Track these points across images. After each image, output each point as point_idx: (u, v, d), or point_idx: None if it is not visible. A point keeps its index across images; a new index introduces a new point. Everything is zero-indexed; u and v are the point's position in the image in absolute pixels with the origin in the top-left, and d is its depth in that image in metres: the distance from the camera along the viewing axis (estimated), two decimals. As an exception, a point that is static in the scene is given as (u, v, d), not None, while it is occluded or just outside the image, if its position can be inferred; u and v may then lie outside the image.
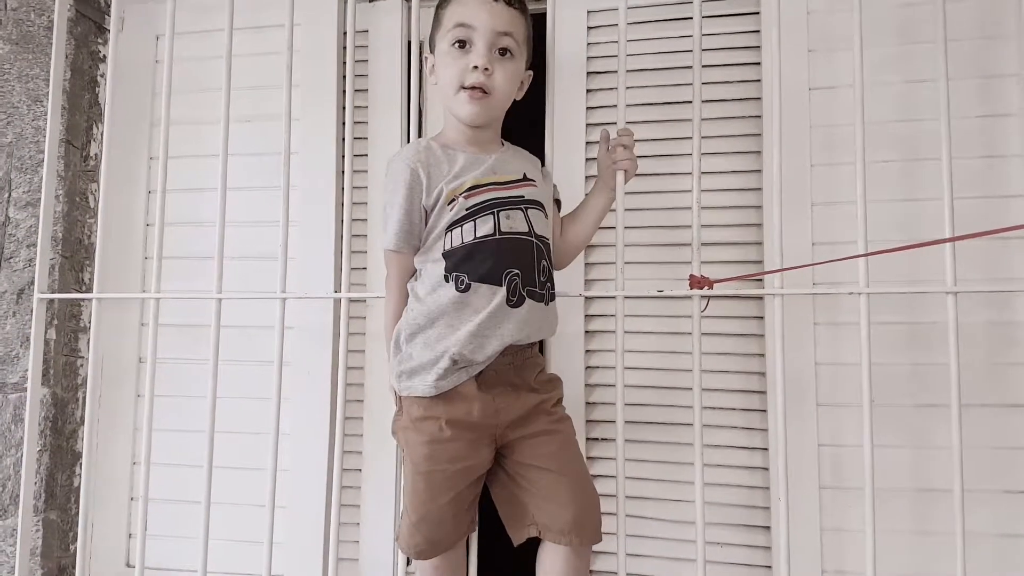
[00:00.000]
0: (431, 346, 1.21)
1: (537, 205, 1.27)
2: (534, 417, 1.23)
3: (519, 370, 1.23)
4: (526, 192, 1.26)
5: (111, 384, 1.89)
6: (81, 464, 1.86)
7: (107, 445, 1.88)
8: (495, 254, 1.20)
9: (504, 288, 1.19)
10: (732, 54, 1.67)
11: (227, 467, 1.71)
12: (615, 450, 1.41)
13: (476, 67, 1.20)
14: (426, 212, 1.23)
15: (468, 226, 1.20)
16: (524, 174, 1.28)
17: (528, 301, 1.21)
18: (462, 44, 1.22)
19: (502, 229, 1.21)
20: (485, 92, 1.21)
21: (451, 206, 1.21)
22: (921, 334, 1.53)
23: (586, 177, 1.67)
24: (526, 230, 1.23)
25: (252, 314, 1.77)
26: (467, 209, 1.20)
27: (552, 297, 1.28)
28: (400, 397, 1.27)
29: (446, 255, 1.21)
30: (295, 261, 1.76)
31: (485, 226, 1.20)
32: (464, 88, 1.21)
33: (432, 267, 1.23)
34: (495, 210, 1.21)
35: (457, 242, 1.20)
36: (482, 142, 1.29)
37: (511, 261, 1.20)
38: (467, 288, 1.19)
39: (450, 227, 1.21)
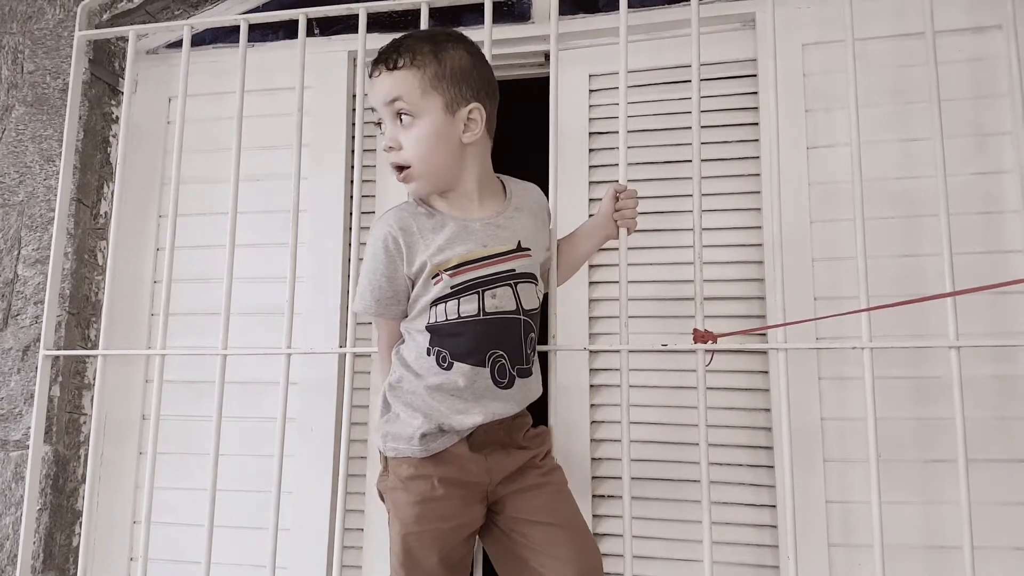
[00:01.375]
0: (418, 410, 1.18)
1: (528, 278, 1.22)
2: (524, 472, 1.22)
3: (508, 430, 1.22)
4: (518, 265, 1.21)
5: (113, 441, 1.88)
6: (81, 523, 1.84)
7: (107, 504, 1.86)
8: (478, 335, 1.17)
9: (488, 369, 1.17)
10: (731, 115, 1.72)
11: (228, 526, 1.69)
12: (622, 508, 1.40)
13: (384, 149, 1.17)
14: (410, 280, 1.19)
15: (452, 304, 1.17)
16: (519, 242, 1.22)
17: (518, 380, 1.20)
18: (379, 125, 1.19)
19: (486, 309, 1.17)
20: (404, 167, 1.16)
21: (435, 281, 1.17)
22: (927, 388, 1.52)
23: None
24: (513, 308, 1.19)
25: (256, 370, 1.77)
26: (451, 288, 1.16)
27: (535, 363, 1.26)
28: (386, 457, 1.23)
29: (430, 329, 1.18)
30: (301, 316, 1.77)
31: (469, 305, 1.16)
32: (394, 171, 1.18)
33: (418, 336, 1.20)
34: (480, 289, 1.17)
35: (441, 318, 1.17)
36: (468, 199, 1.21)
37: (495, 342, 1.18)
38: (449, 366, 1.17)
39: (435, 302, 1.18)
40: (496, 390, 1.18)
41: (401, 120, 1.15)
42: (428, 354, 1.18)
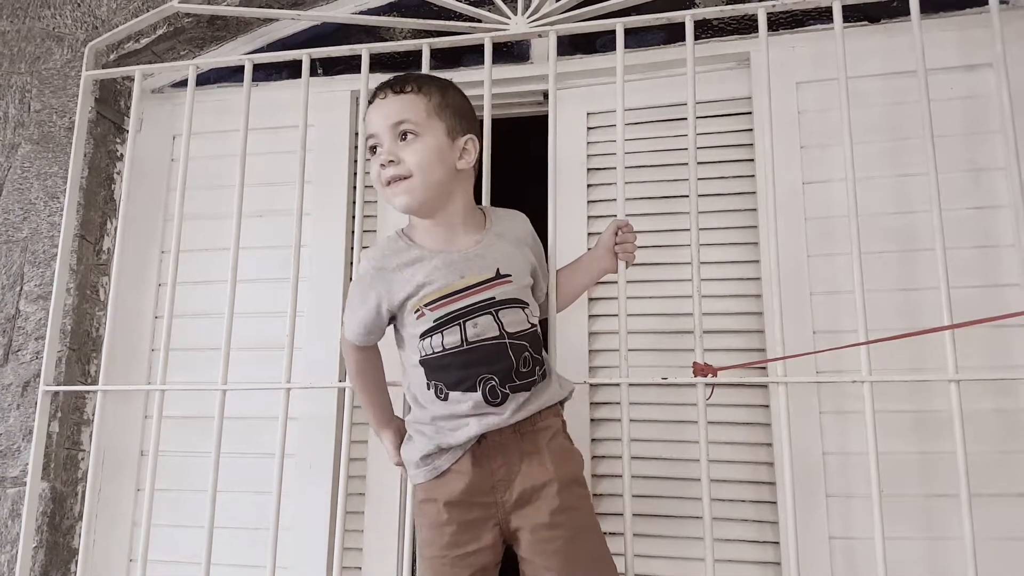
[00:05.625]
0: (424, 434, 1.24)
1: (511, 303, 1.23)
2: (536, 503, 1.18)
3: (523, 433, 1.21)
4: (498, 292, 1.22)
5: (111, 478, 1.87)
6: (77, 561, 1.81)
7: (104, 542, 1.85)
8: (465, 364, 1.20)
9: (479, 393, 1.19)
10: (727, 151, 1.74)
11: (225, 564, 1.68)
12: (623, 544, 1.39)
13: (382, 164, 1.21)
14: (390, 314, 1.25)
15: (436, 337, 1.21)
16: (497, 270, 1.23)
17: (512, 395, 1.20)
18: (373, 150, 1.24)
19: (469, 339, 1.20)
20: (403, 177, 1.20)
21: (418, 316, 1.21)
22: (927, 422, 1.52)
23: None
24: (496, 334, 1.21)
25: (256, 405, 1.77)
26: (434, 321, 1.21)
27: (545, 373, 1.25)
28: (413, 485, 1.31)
29: (423, 363, 1.23)
30: (301, 351, 1.77)
31: (452, 337, 1.20)
32: (385, 186, 1.23)
33: (414, 371, 1.25)
34: (461, 320, 1.20)
35: (429, 351, 1.21)
36: (452, 230, 1.26)
37: (484, 368, 1.20)
38: (446, 397, 1.21)
39: (422, 336, 1.22)
40: (489, 408, 1.19)
41: (405, 138, 1.21)
42: (428, 388, 1.23)
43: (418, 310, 1.21)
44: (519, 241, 1.31)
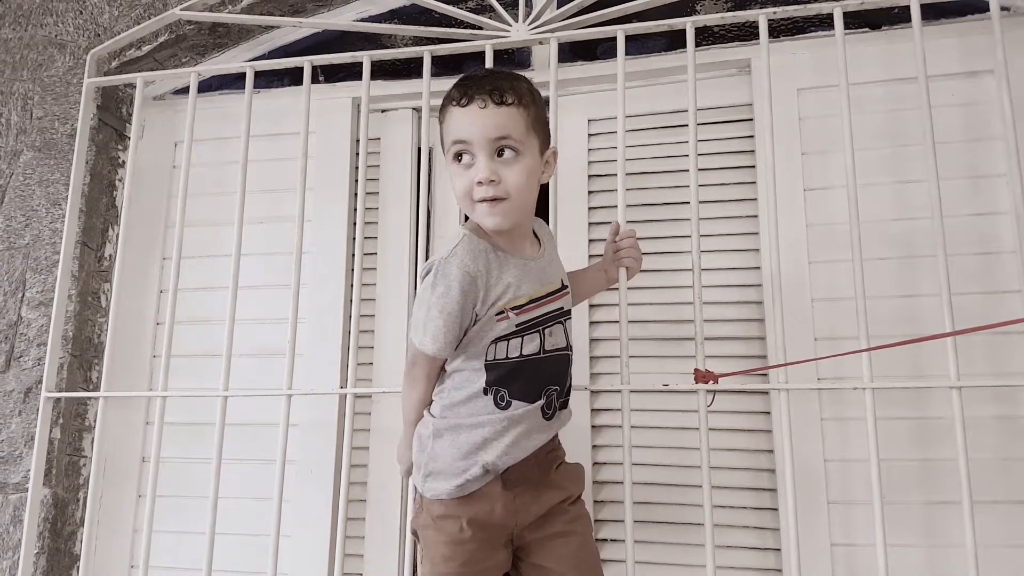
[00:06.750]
0: (462, 451, 1.17)
1: (569, 315, 1.25)
2: (550, 518, 1.22)
3: (541, 465, 1.22)
4: (564, 303, 1.24)
5: (112, 484, 1.87)
6: (78, 568, 1.82)
7: (105, 548, 1.85)
8: (539, 373, 1.18)
9: (542, 401, 1.19)
10: (728, 158, 1.74)
11: (226, 570, 1.68)
12: (624, 552, 1.38)
13: (480, 182, 1.13)
14: (475, 318, 1.17)
15: (515, 342, 1.17)
16: (562, 281, 1.25)
17: (559, 412, 1.22)
18: (459, 157, 1.16)
19: (546, 348, 1.19)
20: (501, 198, 1.14)
21: (500, 318, 1.16)
22: (929, 429, 1.52)
23: (590, 275, 1.71)
24: (564, 344, 1.22)
25: (257, 412, 1.77)
26: (517, 326, 1.17)
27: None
28: (421, 496, 1.23)
29: (488, 367, 1.17)
30: (302, 357, 1.77)
31: (531, 344, 1.18)
32: (478, 202, 1.15)
33: (471, 375, 1.19)
34: (541, 328, 1.19)
35: (502, 355, 1.17)
36: (519, 237, 1.22)
37: (551, 379, 1.20)
38: (507, 406, 1.17)
39: (498, 340, 1.17)
40: (542, 422, 1.19)
41: (501, 154, 1.14)
42: (485, 393, 1.17)
43: (502, 312, 1.16)
44: (556, 251, 1.32)
